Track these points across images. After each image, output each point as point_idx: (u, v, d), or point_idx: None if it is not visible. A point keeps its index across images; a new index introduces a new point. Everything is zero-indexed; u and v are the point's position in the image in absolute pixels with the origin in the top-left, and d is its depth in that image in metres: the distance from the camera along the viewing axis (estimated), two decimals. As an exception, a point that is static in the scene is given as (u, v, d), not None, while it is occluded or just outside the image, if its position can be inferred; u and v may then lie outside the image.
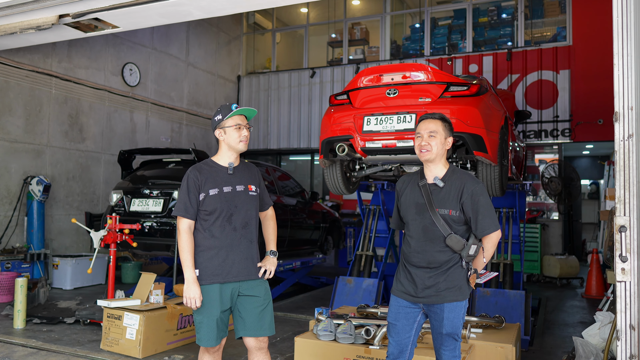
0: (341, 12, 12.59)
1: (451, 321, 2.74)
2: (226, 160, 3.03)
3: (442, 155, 2.82)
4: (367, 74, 4.86)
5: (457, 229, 2.75)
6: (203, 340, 2.93)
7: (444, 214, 2.74)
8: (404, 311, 2.83)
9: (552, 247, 10.31)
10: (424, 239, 2.77)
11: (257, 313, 2.97)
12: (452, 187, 2.77)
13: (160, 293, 4.89)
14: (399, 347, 2.85)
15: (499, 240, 2.80)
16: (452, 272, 2.75)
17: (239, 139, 2.98)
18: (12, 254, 7.48)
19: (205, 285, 2.91)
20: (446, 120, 2.84)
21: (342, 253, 11.16)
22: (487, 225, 2.73)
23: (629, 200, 2.96)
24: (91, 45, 9.19)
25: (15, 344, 4.80)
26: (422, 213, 2.78)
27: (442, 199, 2.76)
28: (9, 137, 7.88)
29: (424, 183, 2.83)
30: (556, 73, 10.37)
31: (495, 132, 4.68)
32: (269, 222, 3.25)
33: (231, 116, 2.98)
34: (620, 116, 3.00)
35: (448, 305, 2.73)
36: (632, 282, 2.93)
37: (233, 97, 13.08)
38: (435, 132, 2.77)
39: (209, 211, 2.93)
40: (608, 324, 4.17)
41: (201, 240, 2.95)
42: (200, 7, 5.57)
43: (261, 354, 3.02)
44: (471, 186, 2.75)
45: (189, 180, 2.94)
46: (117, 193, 6.61)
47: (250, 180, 3.08)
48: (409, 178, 2.98)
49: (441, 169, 2.83)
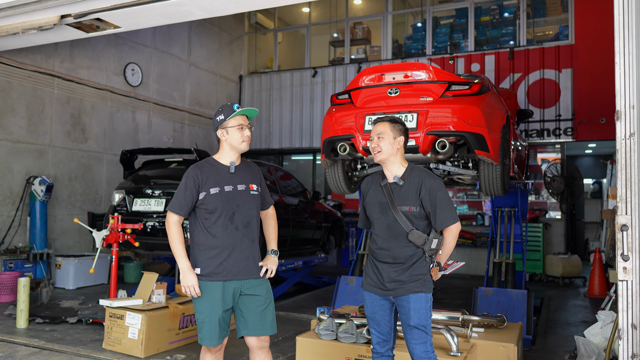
0: (343, 11, 12.58)
1: (417, 312, 2.84)
2: (228, 160, 3.04)
3: (396, 154, 2.96)
4: (368, 73, 4.85)
5: (418, 224, 2.89)
6: (205, 339, 2.93)
7: (405, 211, 2.89)
8: (379, 303, 2.99)
9: (554, 246, 10.29)
10: (388, 236, 2.92)
11: (258, 312, 2.97)
12: (411, 185, 2.91)
13: (162, 292, 4.90)
14: (383, 336, 3.01)
15: (458, 231, 2.92)
16: (416, 266, 2.88)
17: (242, 139, 2.99)
18: (14, 254, 7.50)
19: (208, 283, 2.91)
20: (395, 122, 2.99)
21: (344, 252, 11.17)
22: (445, 218, 2.86)
23: (630, 199, 2.95)
24: (93, 45, 9.21)
25: (18, 344, 4.82)
26: (385, 211, 2.93)
27: (402, 196, 2.91)
28: (11, 137, 7.90)
29: (385, 183, 2.98)
30: (558, 72, 10.34)
31: (497, 131, 4.67)
32: (270, 221, 3.26)
33: (233, 116, 2.99)
34: (621, 115, 2.99)
35: (413, 297, 2.85)
36: (634, 281, 2.92)
37: (235, 97, 13.09)
38: (383, 133, 2.93)
39: (210, 210, 2.93)
40: (610, 323, 4.16)
41: (203, 240, 2.95)
42: (201, 7, 5.58)
43: (263, 353, 3.02)
44: (429, 182, 2.88)
45: (189, 178, 2.95)
46: (119, 193, 6.62)
47: (252, 179, 3.08)
48: (372, 179, 3.12)
49: (399, 168, 2.97)
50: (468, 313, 4.25)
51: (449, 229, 2.88)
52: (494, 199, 6.55)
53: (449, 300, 7.29)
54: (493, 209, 6.52)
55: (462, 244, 10.13)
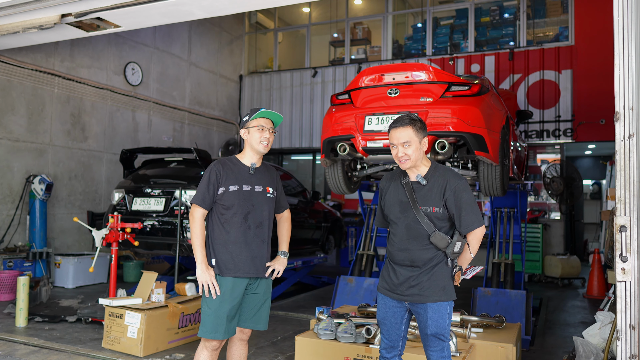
0: (343, 11, 12.59)
1: (435, 321, 2.72)
2: (249, 160, 3.14)
3: (423, 157, 2.81)
4: (368, 73, 4.86)
5: (440, 226, 2.74)
6: (208, 331, 2.95)
7: (427, 212, 2.73)
8: (391, 310, 2.85)
9: (553, 247, 10.30)
10: (407, 237, 2.76)
11: (255, 307, 3.09)
12: (434, 185, 2.75)
13: (162, 292, 4.90)
14: (391, 342, 2.90)
15: (483, 235, 2.80)
16: (436, 271, 2.74)
17: (260, 140, 3.07)
18: (14, 253, 7.50)
19: (220, 277, 3.00)
20: (415, 121, 2.78)
21: (344, 252, 11.17)
22: (470, 221, 2.71)
23: (629, 200, 2.96)
24: (93, 44, 9.21)
25: (17, 342, 4.82)
26: (406, 211, 2.77)
27: (425, 196, 2.75)
28: (11, 136, 7.90)
29: (407, 181, 2.82)
30: (558, 73, 10.35)
31: (496, 132, 4.68)
32: (284, 224, 3.36)
33: (255, 117, 3.09)
34: (620, 116, 3.00)
35: (431, 306, 2.72)
36: (632, 282, 2.93)
37: (235, 97, 13.10)
38: (409, 141, 2.73)
39: (226, 206, 3.03)
40: (608, 324, 4.17)
41: (218, 234, 3.05)
42: (201, 7, 5.59)
43: (242, 345, 3.20)
44: (454, 183, 2.73)
45: (211, 173, 3.05)
46: (119, 192, 6.63)
47: (269, 182, 3.18)
48: (391, 176, 2.98)
49: (423, 167, 2.81)
50: (467, 313, 4.26)
51: (473, 232, 2.74)
52: (494, 200, 6.56)
53: (448, 301, 7.28)
54: (492, 209, 6.53)
55: (461, 245, 10.12)
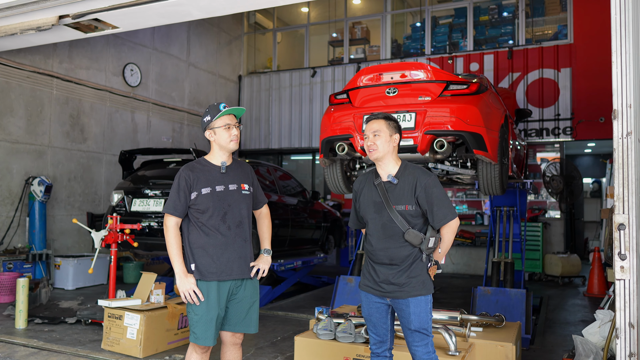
0: (342, 11, 12.58)
1: (418, 316, 2.79)
2: (219, 160, 3.04)
3: (391, 153, 2.89)
4: (366, 73, 4.85)
5: (414, 223, 2.82)
6: (200, 338, 2.91)
7: (400, 210, 2.81)
8: (375, 306, 2.93)
9: (553, 245, 10.29)
10: (384, 237, 2.84)
11: (244, 310, 3.01)
12: (405, 183, 2.84)
13: (161, 293, 4.90)
14: (379, 337, 2.97)
15: (457, 227, 2.86)
16: (414, 267, 2.82)
17: (229, 139, 2.99)
18: (14, 255, 7.50)
19: (204, 283, 2.92)
20: (390, 119, 2.92)
21: (344, 252, 11.17)
22: (443, 214, 2.78)
23: (627, 198, 2.95)
24: (92, 45, 9.20)
25: (17, 344, 4.82)
26: (380, 211, 2.86)
27: (397, 195, 2.83)
28: (10, 138, 7.90)
29: (379, 182, 2.90)
30: (557, 71, 10.34)
31: (495, 131, 4.67)
32: (264, 220, 3.26)
33: (220, 117, 2.98)
34: (618, 114, 2.99)
35: (413, 300, 2.79)
36: (631, 280, 2.92)
37: (234, 97, 13.09)
38: (379, 131, 2.85)
39: (201, 210, 2.94)
40: (608, 322, 4.16)
41: (196, 239, 2.96)
42: (199, 7, 5.58)
43: (235, 349, 3.11)
44: (423, 180, 2.81)
45: (180, 179, 2.96)
46: (118, 193, 6.62)
47: (244, 178, 3.09)
48: (364, 178, 3.04)
49: (393, 166, 2.90)
50: (467, 312, 4.25)
51: (448, 225, 2.81)
52: (493, 199, 6.55)
53: (447, 300, 7.29)
54: (492, 208, 6.52)
55: (461, 244, 10.14)
